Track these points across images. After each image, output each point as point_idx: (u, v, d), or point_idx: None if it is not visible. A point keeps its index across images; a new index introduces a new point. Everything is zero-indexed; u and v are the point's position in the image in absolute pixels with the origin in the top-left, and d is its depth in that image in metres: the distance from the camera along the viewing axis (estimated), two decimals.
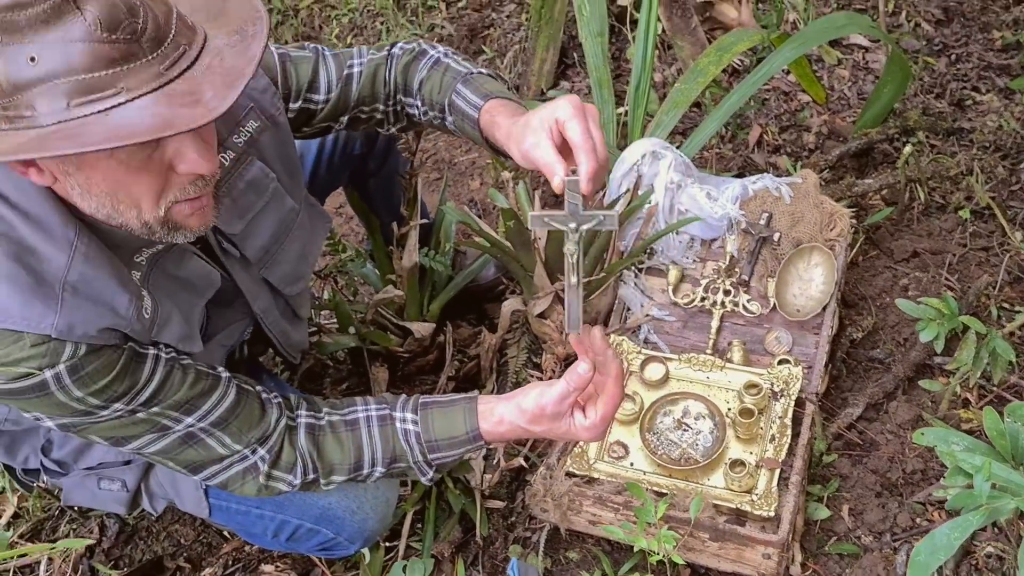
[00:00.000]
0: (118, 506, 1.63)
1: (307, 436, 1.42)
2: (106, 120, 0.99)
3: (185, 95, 1.02)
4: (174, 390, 1.27)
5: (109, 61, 0.99)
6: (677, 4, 2.84)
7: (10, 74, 0.98)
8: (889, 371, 2.05)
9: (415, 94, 1.60)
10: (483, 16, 3.44)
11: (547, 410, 1.36)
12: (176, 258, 1.33)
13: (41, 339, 1.12)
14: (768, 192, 2.13)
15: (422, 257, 2.04)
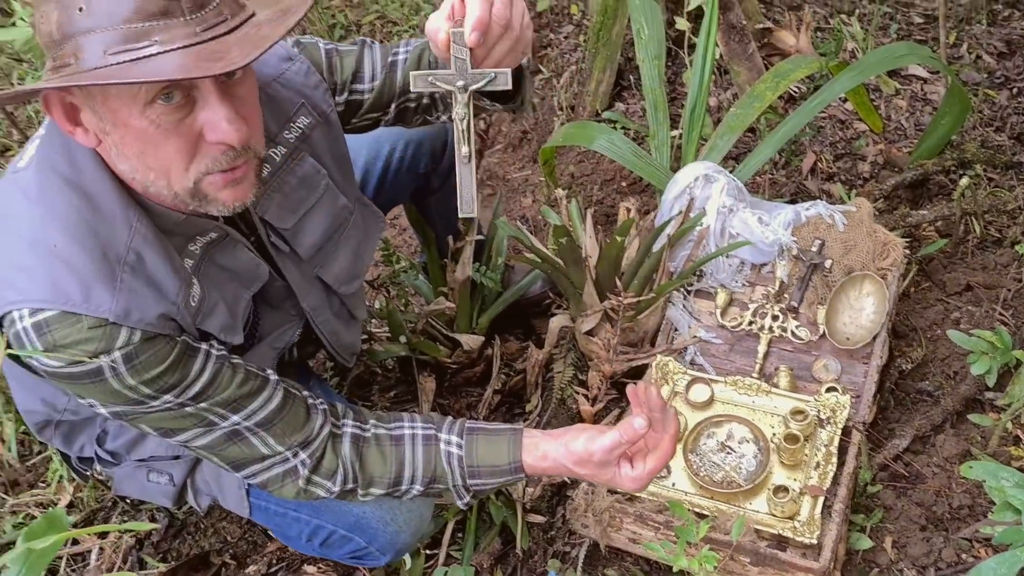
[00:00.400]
0: (165, 499, 1.67)
1: (351, 446, 1.44)
2: (135, 67, 1.06)
3: (213, 53, 1.08)
4: (222, 388, 1.30)
5: (147, 15, 1.06)
6: (735, 30, 2.85)
7: (62, 23, 1.06)
8: (938, 404, 2.03)
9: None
10: (541, 36, 3.49)
11: (595, 457, 1.39)
12: (227, 249, 1.37)
13: (98, 322, 1.16)
14: (821, 219, 2.13)
15: (474, 272, 2.07)
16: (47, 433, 1.63)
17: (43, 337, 1.16)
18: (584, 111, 3.05)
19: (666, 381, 1.97)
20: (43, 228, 1.18)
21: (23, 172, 1.25)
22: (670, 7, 2.97)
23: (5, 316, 1.18)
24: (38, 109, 3.46)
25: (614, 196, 2.76)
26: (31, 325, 1.16)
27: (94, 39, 1.06)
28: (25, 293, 1.16)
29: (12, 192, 1.24)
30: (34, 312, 1.16)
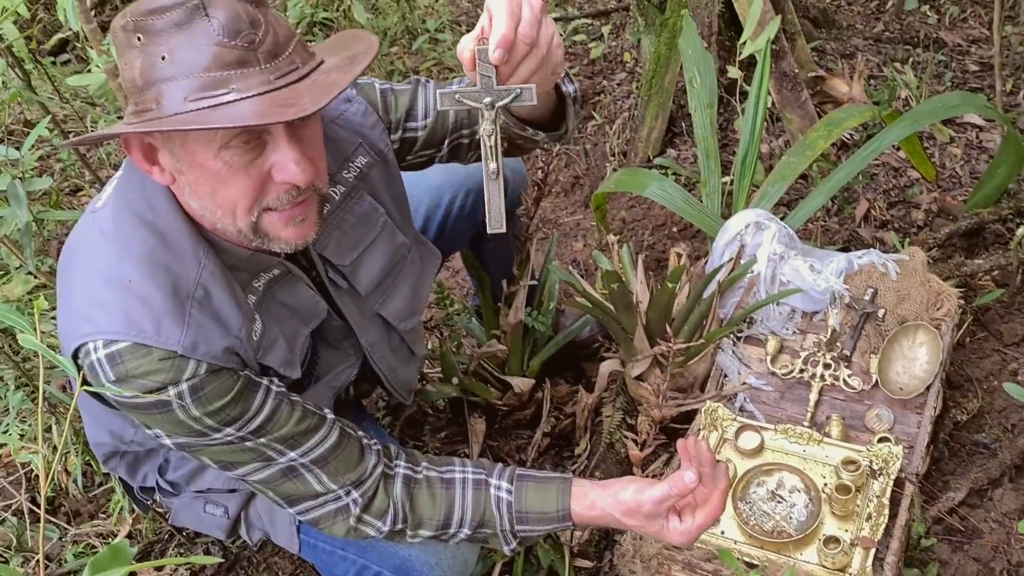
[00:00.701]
0: (218, 530, 1.71)
1: (403, 486, 1.47)
2: (213, 113, 1.11)
3: (286, 99, 1.13)
4: (281, 423, 1.35)
5: (226, 64, 1.12)
6: (788, 78, 2.87)
7: (145, 71, 1.12)
8: (995, 457, 2.00)
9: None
10: (595, 83, 3.54)
11: (644, 508, 1.40)
12: (288, 286, 1.42)
13: (168, 354, 1.22)
14: (874, 268, 2.12)
15: (525, 316, 2.10)
16: (113, 463, 1.69)
17: (115, 367, 1.22)
18: (636, 157, 3.08)
19: (715, 427, 1.97)
20: (118, 264, 1.25)
21: (101, 211, 1.33)
22: (722, 55, 3.01)
23: (80, 348, 1.24)
24: (110, 151, 3.60)
25: (665, 242, 2.78)
26: (104, 356, 1.22)
27: (175, 86, 1.12)
28: (100, 326, 1.23)
29: (91, 231, 1.32)
30: (108, 343, 1.22)
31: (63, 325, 1.30)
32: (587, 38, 3.83)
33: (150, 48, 1.12)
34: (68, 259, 1.36)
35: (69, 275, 1.33)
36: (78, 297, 1.28)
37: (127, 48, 1.14)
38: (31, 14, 3.92)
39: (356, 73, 1.18)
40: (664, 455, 2.06)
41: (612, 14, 3.96)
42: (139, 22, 1.11)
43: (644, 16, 3.19)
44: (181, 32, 1.11)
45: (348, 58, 1.22)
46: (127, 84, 1.15)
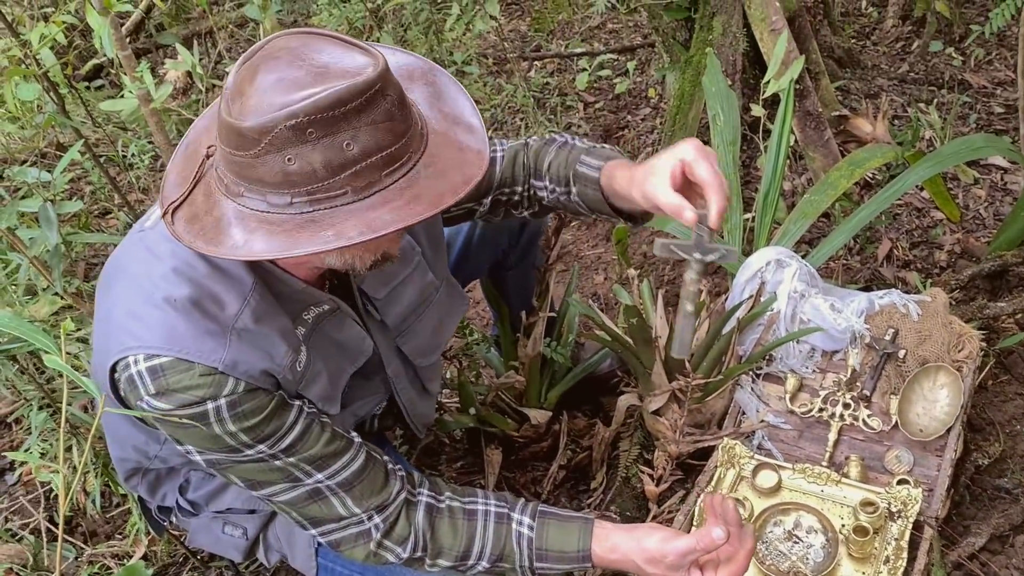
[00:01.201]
0: (236, 552, 1.72)
1: (425, 515, 1.48)
2: (414, 182, 1.17)
3: (454, 153, 1.23)
4: (311, 443, 1.37)
5: (398, 135, 1.16)
6: (812, 116, 2.89)
7: (329, 161, 1.12)
8: (1017, 503, 1.97)
9: (543, 175, 1.67)
10: (619, 118, 3.57)
11: (668, 559, 1.40)
12: (337, 322, 1.46)
13: (209, 370, 1.24)
14: (895, 308, 2.11)
15: (544, 347, 2.11)
16: (134, 481, 1.70)
17: (156, 380, 1.24)
18: None
19: (732, 465, 1.96)
20: (166, 284, 1.27)
21: (150, 232, 1.35)
22: (746, 93, 3.03)
23: (120, 361, 1.27)
24: (139, 175, 3.66)
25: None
26: (146, 369, 1.24)
27: (364, 168, 1.14)
28: (142, 339, 1.25)
29: (138, 249, 1.35)
30: (149, 357, 1.24)
31: (101, 338, 1.34)
32: (612, 73, 3.86)
33: (328, 140, 1.11)
34: (112, 274, 1.39)
35: (111, 290, 1.36)
36: (120, 311, 1.30)
37: (296, 144, 1.11)
38: (67, 40, 4.01)
39: (474, 179, 1.22)
40: (680, 491, 2.05)
41: (638, 50, 4.01)
42: (314, 118, 1.10)
43: (669, 53, 3.22)
44: (361, 116, 1.12)
45: (461, 161, 1.25)
46: (297, 176, 1.13)
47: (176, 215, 1.23)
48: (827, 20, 3.36)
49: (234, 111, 1.13)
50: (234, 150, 1.14)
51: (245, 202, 1.17)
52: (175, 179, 1.28)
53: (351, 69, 1.12)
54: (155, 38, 4.66)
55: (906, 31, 3.89)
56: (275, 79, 1.12)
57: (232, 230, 1.17)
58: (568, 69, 4.05)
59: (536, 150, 1.69)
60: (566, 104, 3.72)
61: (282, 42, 1.17)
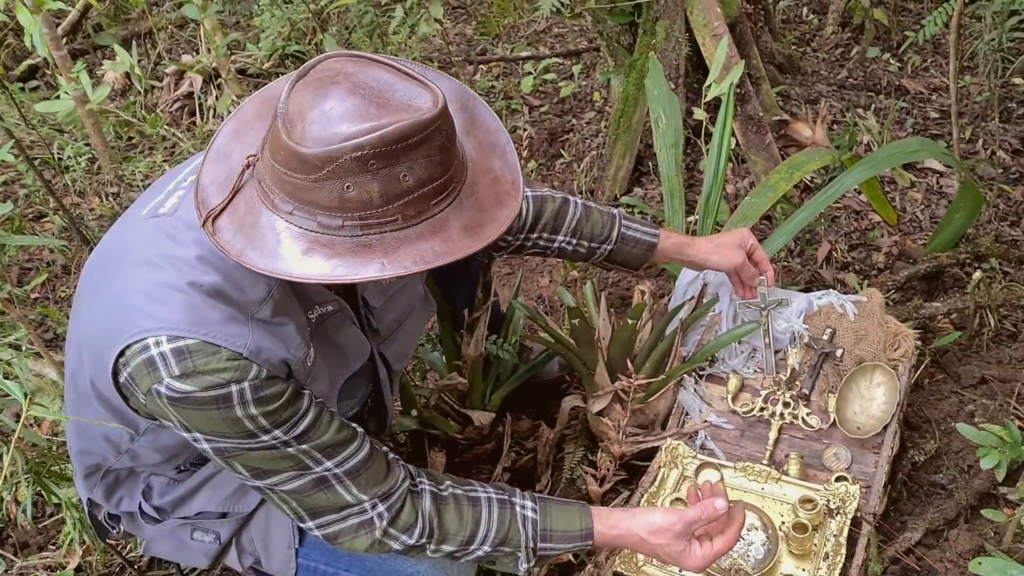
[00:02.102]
0: (203, 558, 1.67)
1: (432, 501, 1.48)
2: (459, 212, 1.22)
3: (491, 183, 1.29)
4: (322, 431, 1.37)
5: (448, 167, 1.20)
6: (753, 121, 2.93)
7: (386, 191, 1.15)
8: (951, 498, 2.01)
9: (566, 233, 1.91)
10: (564, 121, 3.58)
11: (676, 528, 1.50)
12: (338, 323, 1.48)
13: (235, 355, 1.25)
14: (833, 308, 2.15)
15: (489, 345, 2.10)
16: (92, 481, 1.64)
17: (182, 363, 1.23)
18: (603, 195, 3.11)
19: (676, 465, 1.97)
20: (193, 269, 1.27)
21: (168, 218, 1.34)
22: (690, 97, 3.06)
23: (137, 343, 1.24)
24: (75, 178, 3.58)
25: (630, 279, 2.79)
26: (171, 350, 1.23)
27: (417, 198, 1.17)
28: (165, 322, 1.24)
29: (154, 234, 1.33)
30: (173, 339, 1.23)
31: (105, 320, 1.30)
32: (558, 77, 3.88)
33: (386, 171, 1.14)
34: (116, 258, 1.37)
35: (116, 273, 1.34)
36: (135, 294, 1.28)
37: (357, 174, 1.14)
38: (0, 38, 3.91)
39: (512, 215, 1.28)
40: (624, 492, 2.06)
41: (583, 54, 4.03)
42: (378, 151, 1.13)
43: (614, 57, 3.24)
44: (418, 149, 1.15)
45: (495, 190, 1.30)
46: (352, 204, 1.16)
47: (216, 223, 1.23)
48: (768, 26, 3.41)
49: (295, 135, 1.15)
50: (291, 171, 1.16)
51: (294, 220, 1.19)
52: (209, 182, 1.28)
53: (412, 103, 1.16)
54: (92, 39, 4.56)
55: (845, 38, 3.97)
56: (338, 107, 1.14)
57: (284, 248, 1.19)
58: (513, 73, 4.06)
59: (554, 212, 1.89)
60: (511, 108, 3.72)
61: (337, 66, 1.20)
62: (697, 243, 2.00)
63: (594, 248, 1.94)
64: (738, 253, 1.98)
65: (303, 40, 4.00)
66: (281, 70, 4.07)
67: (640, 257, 1.97)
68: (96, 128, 3.56)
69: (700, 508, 1.50)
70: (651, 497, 1.91)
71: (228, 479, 1.58)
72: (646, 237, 1.95)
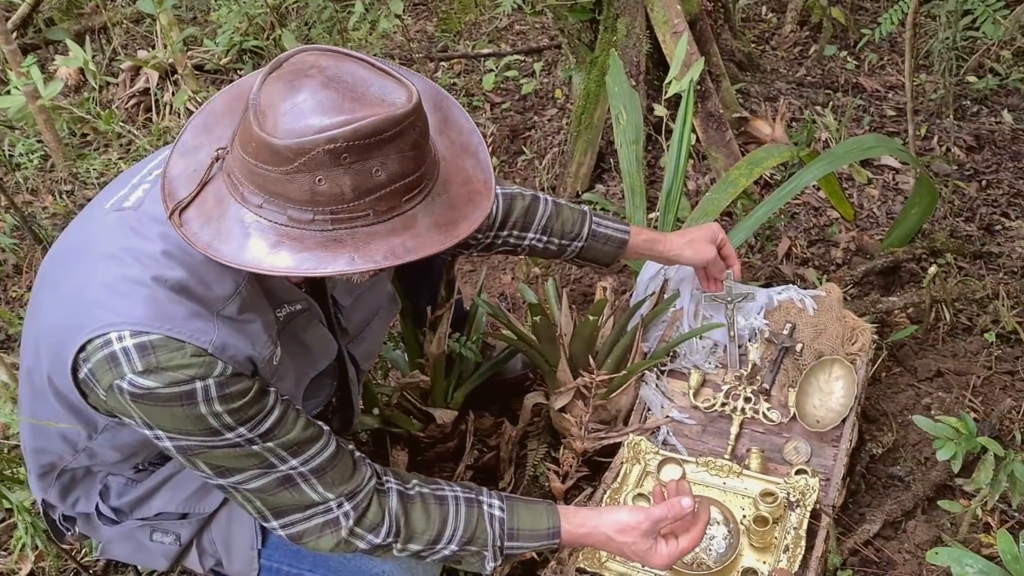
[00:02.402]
0: (163, 560, 1.64)
1: (398, 501, 1.47)
2: (430, 210, 1.21)
3: (463, 182, 1.29)
4: (288, 428, 1.35)
5: (420, 163, 1.20)
6: (713, 118, 2.94)
7: (358, 185, 1.15)
8: (909, 489, 2.03)
9: (536, 230, 1.91)
10: (526, 118, 3.58)
11: (642, 526, 1.52)
12: (305, 322, 1.46)
13: (199, 351, 1.23)
14: (792, 303, 2.16)
15: (452, 342, 2.09)
16: (46, 481, 1.60)
17: (146, 358, 1.21)
18: (565, 192, 3.11)
19: (638, 460, 1.97)
20: (158, 264, 1.25)
21: (132, 212, 1.31)
22: (651, 94, 3.07)
23: (98, 337, 1.22)
24: (27, 176, 3.50)
25: (592, 276, 2.80)
26: (134, 346, 1.20)
27: (389, 192, 1.17)
28: (128, 316, 1.21)
29: (116, 227, 1.31)
30: (136, 334, 1.21)
31: (65, 315, 1.28)
32: (519, 74, 3.87)
33: (358, 166, 1.14)
34: (77, 251, 1.35)
35: (76, 267, 1.31)
36: (96, 288, 1.25)
37: (329, 167, 1.14)
38: None
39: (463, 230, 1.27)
40: (587, 488, 2.06)
41: (544, 51, 4.03)
42: (351, 145, 1.12)
43: (575, 54, 3.24)
44: (391, 144, 1.15)
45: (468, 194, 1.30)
46: (322, 196, 1.15)
47: (184, 216, 1.21)
48: (728, 24, 3.44)
49: (267, 127, 1.14)
50: (262, 163, 1.15)
51: (264, 213, 1.18)
52: (177, 175, 1.26)
53: (386, 98, 1.16)
54: (44, 33, 4.47)
55: (804, 36, 4.01)
56: (311, 99, 1.13)
57: (252, 241, 1.18)
58: (475, 70, 4.04)
59: (524, 209, 1.88)
60: (473, 104, 3.71)
61: (311, 59, 1.19)
62: (669, 239, 2.01)
63: (565, 245, 1.95)
64: (710, 248, 2.00)
65: (261, 35, 3.95)
66: (239, 66, 4.02)
67: (611, 254, 1.98)
68: (48, 125, 3.49)
69: (667, 507, 1.52)
70: (614, 493, 1.91)
71: (188, 479, 1.55)
72: (617, 234, 1.96)
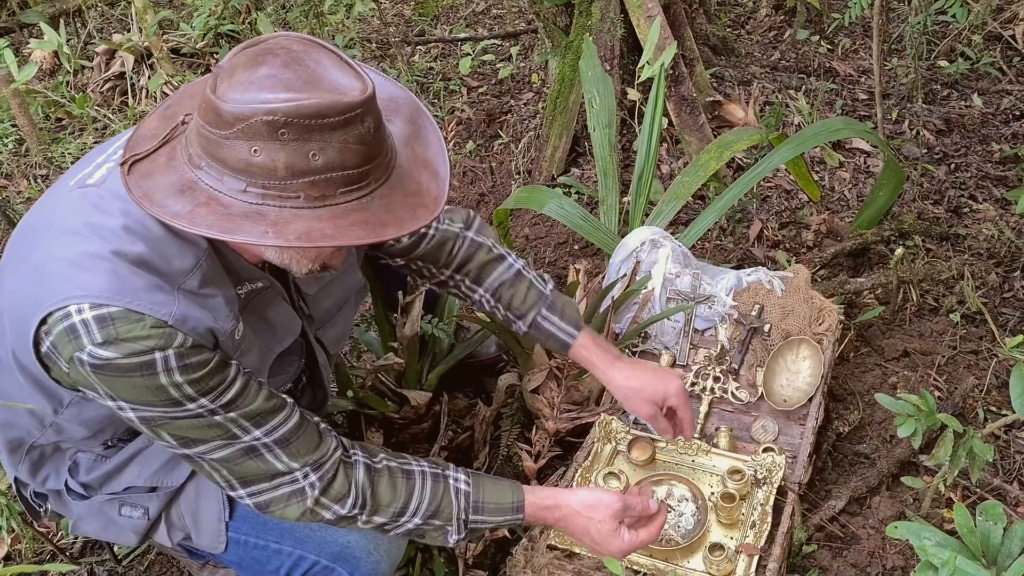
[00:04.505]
0: (132, 535, 1.65)
1: (365, 473, 1.49)
2: (365, 208, 1.22)
3: (411, 193, 1.29)
4: (250, 399, 1.37)
5: (365, 160, 1.21)
6: (687, 102, 2.97)
7: (292, 164, 1.17)
8: (874, 466, 2.08)
9: (487, 290, 1.83)
10: (502, 102, 3.59)
11: (614, 506, 1.57)
12: (268, 300, 1.48)
13: (159, 323, 1.24)
14: (761, 285, 2.20)
15: (425, 324, 2.11)
16: (16, 457, 1.61)
17: (105, 329, 1.22)
18: (540, 175, 3.13)
19: (609, 440, 2.00)
20: (118, 239, 1.26)
21: (95, 189, 1.33)
22: (625, 78, 3.09)
23: (58, 310, 1.23)
24: (1, 160, 3.48)
25: (567, 259, 2.82)
26: (93, 317, 1.22)
27: (323, 180, 1.19)
28: (87, 289, 1.23)
29: (78, 203, 1.32)
30: (96, 306, 1.22)
31: (26, 287, 1.29)
32: (496, 58, 3.88)
33: (296, 145, 1.16)
34: (39, 226, 1.37)
35: (38, 242, 1.33)
36: (57, 262, 1.27)
37: (266, 139, 1.16)
38: None
39: (424, 220, 1.28)
40: (560, 468, 2.09)
41: (521, 35, 4.03)
42: (290, 121, 1.15)
43: (551, 38, 3.26)
44: (335, 133, 1.17)
45: (431, 173, 1.34)
46: (259, 170, 1.18)
47: (134, 168, 1.25)
48: (703, 8, 3.46)
49: (219, 90, 1.17)
50: (207, 125, 1.18)
51: (202, 176, 1.21)
52: (146, 134, 1.30)
53: (339, 87, 1.18)
54: (18, 16, 4.43)
55: (778, 20, 4.04)
56: (267, 73, 1.17)
57: (182, 197, 1.21)
58: (452, 54, 4.05)
59: (483, 263, 1.81)
60: (450, 88, 3.71)
61: (285, 42, 1.22)
62: (611, 371, 1.80)
63: (510, 319, 1.84)
64: (647, 408, 1.78)
65: (237, 19, 3.94)
66: (215, 50, 4.00)
67: (556, 349, 1.86)
68: (23, 109, 3.47)
69: (640, 497, 1.59)
70: (585, 472, 1.94)
71: (157, 453, 1.57)
72: (560, 334, 1.81)
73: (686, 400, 1.79)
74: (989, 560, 1.53)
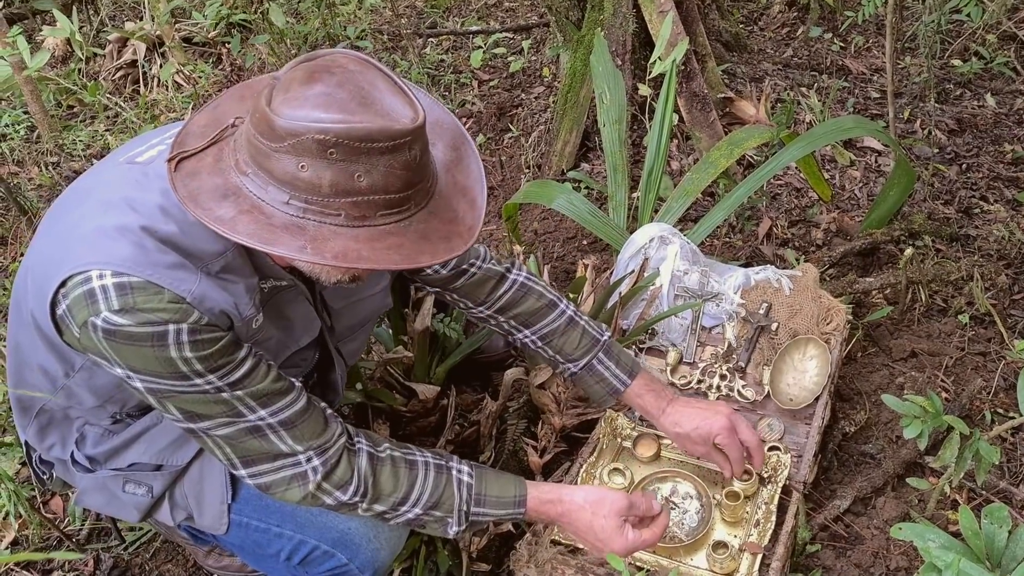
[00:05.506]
0: (134, 512, 1.65)
1: (368, 461, 1.51)
2: (402, 232, 1.24)
3: (448, 220, 1.31)
4: (258, 379, 1.39)
5: (407, 185, 1.24)
6: (698, 98, 2.96)
7: (337, 183, 1.19)
8: (879, 467, 2.08)
9: (535, 333, 1.84)
10: (513, 96, 3.59)
11: (619, 503, 1.57)
12: (289, 298, 1.50)
13: (177, 299, 1.27)
14: (769, 283, 2.20)
15: (436, 322, 2.11)
16: (26, 418, 1.63)
17: (123, 297, 1.25)
18: (550, 170, 3.13)
19: (615, 436, 2.01)
20: (151, 217, 1.30)
21: (142, 166, 1.38)
22: (636, 73, 3.08)
23: (79, 274, 1.26)
24: (13, 147, 3.49)
25: (575, 254, 2.82)
26: (113, 284, 1.25)
27: (366, 202, 1.21)
28: (112, 256, 1.26)
29: (124, 178, 1.37)
30: (117, 274, 1.25)
31: (54, 249, 1.33)
32: (507, 51, 3.88)
33: (342, 166, 1.19)
34: (82, 194, 1.41)
35: (77, 208, 1.37)
36: (88, 228, 1.30)
37: (315, 156, 1.18)
38: None
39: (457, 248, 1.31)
40: (565, 463, 2.09)
41: (533, 29, 4.03)
42: (340, 142, 1.17)
43: (563, 32, 3.25)
44: (383, 157, 1.20)
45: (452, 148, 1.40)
46: (301, 182, 1.20)
47: (180, 165, 1.27)
48: (716, 4, 3.45)
49: (274, 104, 1.20)
50: (259, 135, 1.21)
51: (247, 183, 1.24)
52: (195, 131, 1.32)
53: (391, 112, 1.21)
54: (31, 3, 4.44)
55: (791, 17, 4.02)
56: (321, 91, 1.19)
57: (226, 202, 1.23)
58: (463, 47, 4.04)
59: (535, 309, 1.83)
60: (460, 81, 3.71)
61: (343, 60, 1.25)
62: (663, 422, 1.82)
63: (558, 361, 1.85)
64: (700, 448, 1.79)
65: (249, 9, 3.94)
66: (227, 39, 4.01)
67: (601, 394, 1.85)
68: (35, 96, 3.48)
69: (645, 498, 1.60)
70: (590, 467, 1.94)
71: (164, 432, 1.58)
72: (613, 380, 1.83)
73: (734, 437, 1.75)
74: (993, 563, 1.53)
